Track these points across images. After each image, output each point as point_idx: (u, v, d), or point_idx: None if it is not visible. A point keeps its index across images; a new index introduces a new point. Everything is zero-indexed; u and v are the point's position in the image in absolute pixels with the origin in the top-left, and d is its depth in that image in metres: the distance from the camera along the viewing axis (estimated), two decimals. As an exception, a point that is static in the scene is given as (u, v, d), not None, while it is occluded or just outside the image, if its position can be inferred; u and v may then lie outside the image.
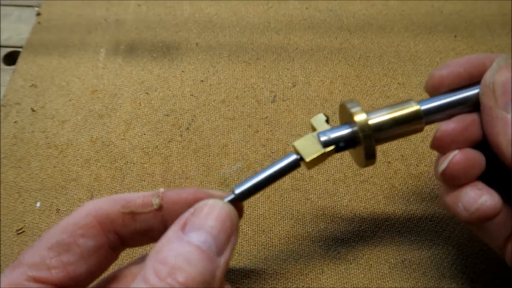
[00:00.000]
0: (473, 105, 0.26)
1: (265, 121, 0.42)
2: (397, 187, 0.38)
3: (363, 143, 0.25)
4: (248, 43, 0.49)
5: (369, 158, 0.25)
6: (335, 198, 0.37)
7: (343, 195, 0.37)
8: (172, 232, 0.21)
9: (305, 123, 0.42)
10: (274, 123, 0.42)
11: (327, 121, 0.27)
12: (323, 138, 0.25)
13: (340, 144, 0.26)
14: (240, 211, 0.26)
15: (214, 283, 0.20)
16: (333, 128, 0.26)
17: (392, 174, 0.38)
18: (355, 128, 0.25)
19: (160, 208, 0.24)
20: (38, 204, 0.37)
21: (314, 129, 0.27)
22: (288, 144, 0.41)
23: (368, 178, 0.38)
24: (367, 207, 0.37)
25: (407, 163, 0.39)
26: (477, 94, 0.25)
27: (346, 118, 0.26)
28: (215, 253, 0.20)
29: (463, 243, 0.35)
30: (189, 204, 0.24)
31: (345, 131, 0.26)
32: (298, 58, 0.48)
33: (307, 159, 0.25)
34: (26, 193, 0.38)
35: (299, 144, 0.25)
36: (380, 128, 0.25)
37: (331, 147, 0.25)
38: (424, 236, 0.35)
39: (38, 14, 0.53)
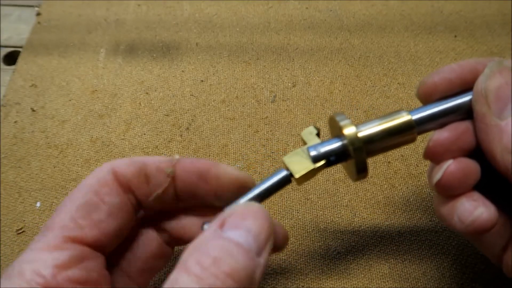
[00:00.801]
0: (466, 112, 0.25)
1: (265, 121, 0.42)
2: (397, 187, 0.38)
3: (354, 157, 0.24)
4: (248, 43, 0.49)
5: (361, 172, 0.25)
6: (335, 198, 0.37)
7: (343, 195, 0.37)
8: (210, 231, 0.21)
9: (305, 123, 0.42)
10: (274, 123, 0.42)
11: (318, 134, 0.26)
12: (312, 153, 0.25)
13: (331, 158, 0.25)
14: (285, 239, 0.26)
15: (255, 282, 0.20)
16: (323, 142, 0.25)
17: (392, 174, 0.38)
18: (345, 142, 0.24)
19: (172, 175, 0.24)
20: (38, 204, 0.37)
21: (304, 143, 0.26)
22: (288, 144, 0.41)
23: (368, 178, 0.38)
24: (367, 207, 0.37)
25: (407, 163, 0.39)
26: (470, 101, 0.25)
27: (336, 131, 0.26)
28: (255, 253, 0.20)
29: (463, 243, 0.35)
30: (202, 174, 0.24)
31: (335, 145, 0.25)
32: (298, 58, 0.48)
33: (297, 176, 0.24)
34: (26, 193, 0.38)
35: (289, 159, 0.25)
36: (371, 140, 0.25)
37: (322, 162, 0.25)
38: (424, 236, 0.35)
39: (38, 14, 0.53)
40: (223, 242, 0.20)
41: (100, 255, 0.22)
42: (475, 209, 0.23)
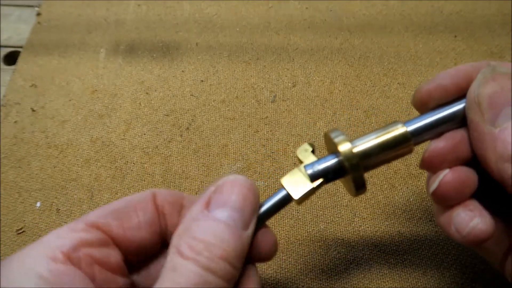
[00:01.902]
0: (461, 120, 0.24)
1: (265, 121, 0.42)
2: (397, 187, 0.38)
3: (351, 173, 0.24)
4: (248, 43, 0.49)
5: (359, 188, 0.24)
6: (335, 198, 0.37)
7: (343, 195, 0.37)
8: (197, 210, 0.21)
9: (305, 123, 0.42)
10: (274, 123, 0.42)
11: (313, 151, 0.26)
12: (309, 172, 0.24)
13: (328, 176, 0.25)
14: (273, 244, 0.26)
15: (244, 253, 0.21)
16: (319, 160, 0.25)
17: (392, 174, 0.38)
18: (341, 158, 0.24)
19: None
20: (38, 204, 0.37)
21: (300, 161, 0.25)
22: (288, 144, 0.41)
23: (368, 178, 0.38)
24: (367, 207, 0.37)
25: (407, 163, 0.39)
26: (464, 108, 0.24)
27: (331, 147, 0.26)
28: (241, 228, 0.21)
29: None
30: None
31: (331, 162, 0.24)
32: (298, 58, 0.48)
33: (296, 198, 0.24)
34: (26, 193, 0.38)
35: (287, 181, 0.24)
36: (367, 155, 0.24)
37: (319, 181, 0.24)
38: (424, 236, 0.35)
39: (38, 14, 0.53)
40: (211, 224, 0.21)
41: (120, 253, 0.23)
42: (471, 220, 0.23)
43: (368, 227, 0.36)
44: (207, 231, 0.20)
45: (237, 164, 0.39)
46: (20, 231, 0.36)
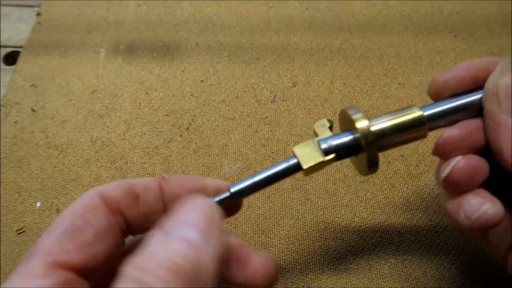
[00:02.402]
0: (477, 110, 0.25)
1: (265, 121, 0.42)
2: (397, 187, 0.38)
3: (366, 151, 0.24)
4: (248, 43, 0.49)
5: (372, 166, 0.25)
6: (335, 198, 0.37)
7: (343, 195, 0.37)
8: (153, 235, 0.19)
9: (305, 123, 0.42)
10: (274, 123, 0.42)
11: (331, 127, 0.26)
12: (323, 146, 0.25)
13: (341, 152, 0.25)
14: (238, 205, 0.26)
15: (205, 272, 0.18)
16: (334, 136, 0.25)
17: (392, 174, 0.38)
18: (357, 135, 0.24)
19: (161, 192, 0.24)
20: (38, 204, 0.37)
21: (316, 135, 0.26)
22: (288, 144, 0.41)
23: (368, 178, 0.38)
24: (367, 207, 0.37)
25: (407, 163, 0.39)
26: (481, 99, 0.25)
27: (346, 125, 0.26)
28: (199, 240, 0.19)
29: (463, 243, 0.35)
30: (190, 189, 0.24)
31: (346, 139, 0.25)
32: (298, 58, 0.48)
33: (305, 166, 0.24)
34: (26, 193, 0.38)
35: (299, 149, 0.25)
36: (383, 135, 0.25)
37: (332, 155, 0.25)
38: (424, 236, 0.35)
39: (38, 14, 0.53)
40: (166, 243, 0.18)
41: (86, 283, 0.21)
42: (481, 205, 0.23)
43: (368, 227, 0.36)
44: (160, 248, 0.18)
45: (237, 164, 0.39)
46: (20, 231, 0.36)
